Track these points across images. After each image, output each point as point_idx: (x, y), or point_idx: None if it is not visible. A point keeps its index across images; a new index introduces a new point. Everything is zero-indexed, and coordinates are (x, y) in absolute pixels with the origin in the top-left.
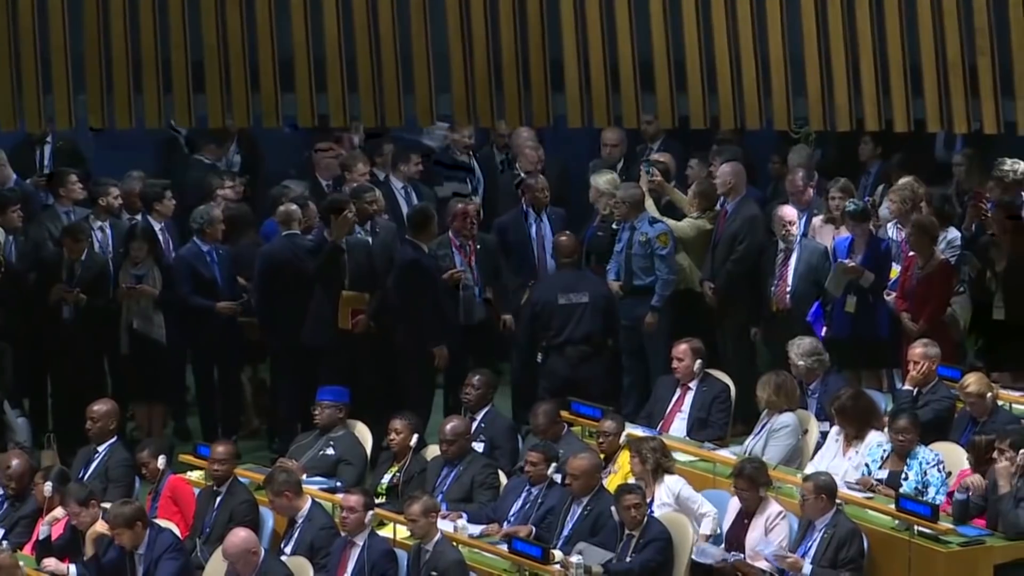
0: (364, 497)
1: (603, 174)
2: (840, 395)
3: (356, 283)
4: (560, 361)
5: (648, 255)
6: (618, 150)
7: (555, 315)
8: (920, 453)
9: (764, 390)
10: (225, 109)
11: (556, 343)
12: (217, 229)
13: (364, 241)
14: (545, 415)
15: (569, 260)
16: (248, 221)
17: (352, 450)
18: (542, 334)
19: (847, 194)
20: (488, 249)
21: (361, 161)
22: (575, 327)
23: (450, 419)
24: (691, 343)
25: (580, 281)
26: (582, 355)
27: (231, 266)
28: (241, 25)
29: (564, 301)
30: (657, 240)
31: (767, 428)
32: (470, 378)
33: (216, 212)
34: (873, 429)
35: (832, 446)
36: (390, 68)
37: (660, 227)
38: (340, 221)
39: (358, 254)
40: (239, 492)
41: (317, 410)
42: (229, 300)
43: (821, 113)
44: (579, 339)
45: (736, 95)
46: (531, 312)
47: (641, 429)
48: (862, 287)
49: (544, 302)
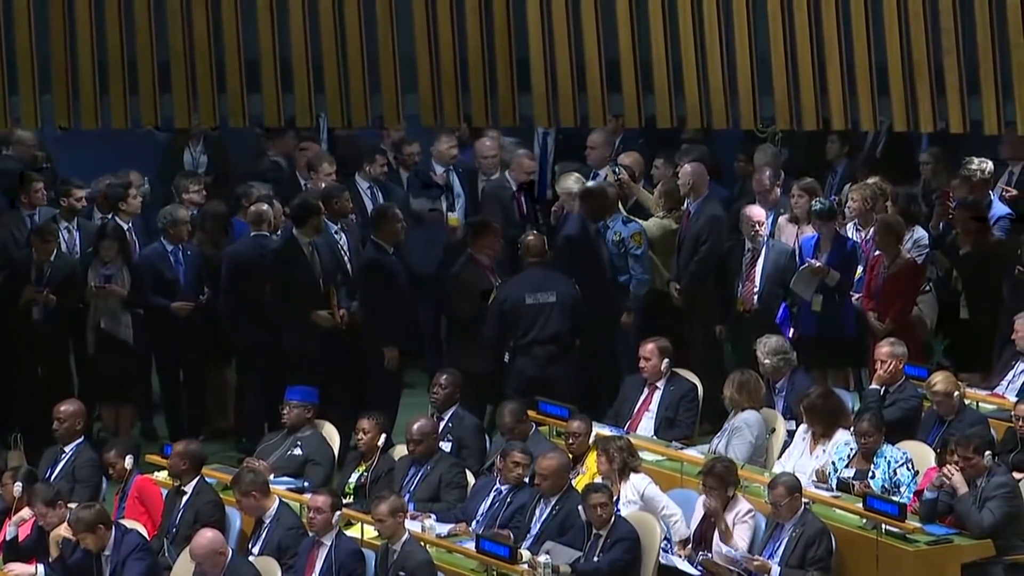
0: (331, 498)
1: (569, 175)
2: (809, 393)
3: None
4: (527, 361)
5: (621, 254)
6: (597, 153)
7: (522, 315)
8: (887, 452)
9: (728, 388)
10: (191, 109)
11: (523, 343)
12: (182, 229)
13: (334, 241)
14: (511, 414)
15: (537, 260)
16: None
17: (320, 450)
18: (509, 334)
19: (810, 193)
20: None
21: (327, 161)
22: (542, 327)
23: (417, 419)
24: (658, 342)
25: (547, 281)
26: (549, 355)
27: (198, 267)
28: (207, 26)
29: (531, 301)
30: (631, 239)
31: (731, 426)
32: (437, 378)
33: (181, 212)
34: (841, 428)
35: (799, 444)
36: (356, 69)
37: (634, 226)
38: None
39: (327, 254)
40: (205, 492)
41: (285, 410)
42: (189, 301)
43: (788, 113)
44: (546, 339)
45: (703, 95)
46: (498, 311)
47: (608, 428)
48: (828, 286)
49: (511, 302)
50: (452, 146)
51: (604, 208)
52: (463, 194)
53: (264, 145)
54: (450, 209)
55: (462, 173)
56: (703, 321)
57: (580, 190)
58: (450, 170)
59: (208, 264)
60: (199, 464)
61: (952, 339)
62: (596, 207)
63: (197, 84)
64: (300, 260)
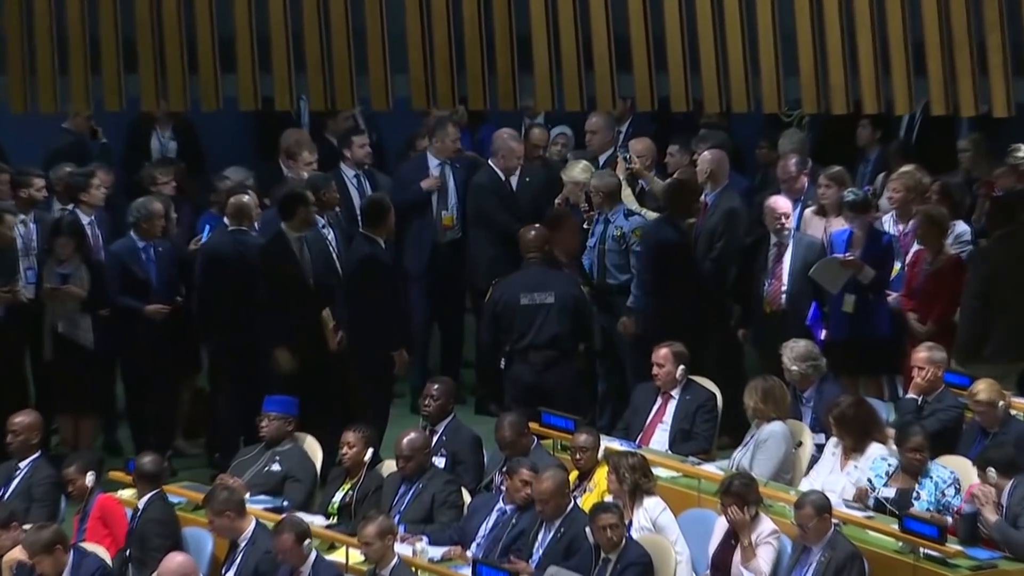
0: (294, 533)
1: (576, 163)
2: (839, 403)
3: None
4: (523, 368)
5: (623, 251)
6: (599, 138)
7: (516, 316)
8: (934, 471)
9: (751, 397)
10: (160, 91)
11: (519, 347)
12: (156, 224)
13: (323, 236)
14: (512, 427)
15: (535, 256)
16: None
17: (300, 466)
18: (504, 337)
19: (839, 183)
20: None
21: (307, 148)
22: (539, 330)
23: (407, 432)
24: (672, 347)
25: (545, 279)
26: (547, 360)
27: (171, 265)
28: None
29: (526, 301)
30: (633, 235)
31: (754, 439)
32: (429, 387)
33: (156, 205)
34: (874, 441)
35: (828, 459)
36: (341, 46)
37: (637, 220)
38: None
39: (316, 252)
40: (153, 509)
41: (263, 422)
42: (164, 302)
43: (815, 94)
44: (544, 343)
45: (721, 75)
46: (491, 313)
47: (619, 442)
48: (861, 284)
49: (504, 302)
50: (457, 139)
51: (693, 203)
52: (455, 190)
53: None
54: (443, 207)
55: (458, 168)
56: (722, 323)
57: (665, 185)
58: (446, 164)
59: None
60: (152, 479)
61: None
62: (683, 202)
63: (166, 63)
64: (290, 258)
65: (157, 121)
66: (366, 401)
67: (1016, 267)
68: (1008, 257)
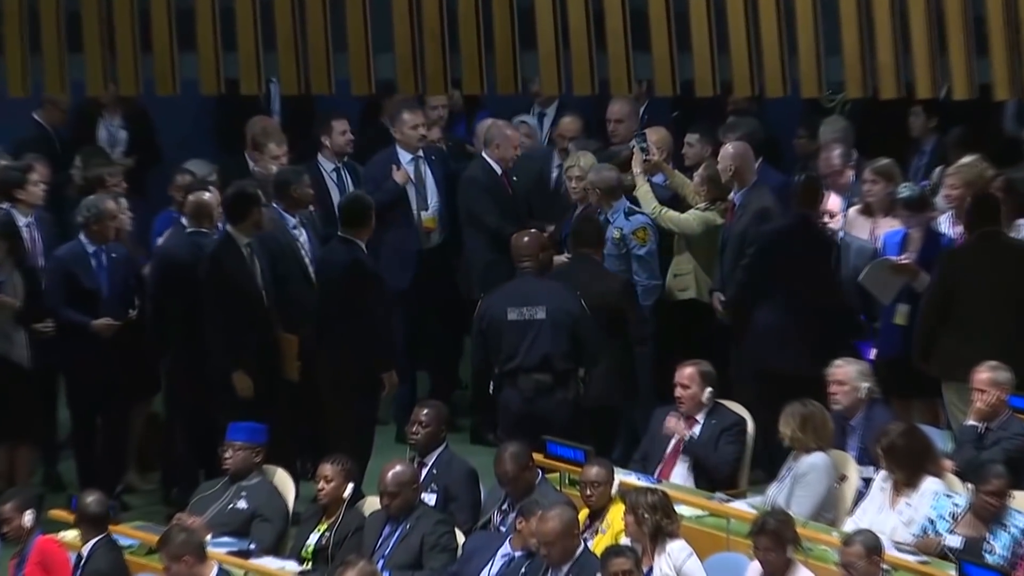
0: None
1: (584, 156)
2: (888, 431)
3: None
4: (512, 393)
5: (623, 255)
6: (625, 127)
7: (504, 334)
8: (1010, 519)
9: (788, 425)
10: (108, 73)
11: (507, 370)
12: (108, 226)
13: (290, 239)
14: (513, 459)
15: (529, 264)
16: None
17: (269, 503)
18: (493, 358)
19: (887, 178)
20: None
21: (275, 139)
22: (528, 350)
23: (392, 464)
24: (699, 366)
25: (536, 291)
26: (538, 386)
27: (126, 273)
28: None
29: (515, 317)
30: (633, 236)
31: (792, 473)
32: (417, 412)
33: (108, 204)
34: (929, 474)
35: (877, 496)
36: (316, 20)
37: (639, 220)
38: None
39: (288, 258)
40: (99, 559)
41: (227, 452)
42: (113, 317)
43: (860, 76)
44: (534, 365)
45: (753, 54)
46: (478, 330)
47: (635, 476)
48: (916, 293)
49: (490, 318)
50: (418, 125)
51: (818, 197)
52: (435, 185)
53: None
54: (422, 207)
55: (435, 160)
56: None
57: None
58: (419, 158)
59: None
60: (97, 522)
61: None
62: (810, 197)
63: (115, 40)
64: (239, 265)
65: (105, 107)
66: (346, 429)
67: (992, 272)
68: (984, 260)
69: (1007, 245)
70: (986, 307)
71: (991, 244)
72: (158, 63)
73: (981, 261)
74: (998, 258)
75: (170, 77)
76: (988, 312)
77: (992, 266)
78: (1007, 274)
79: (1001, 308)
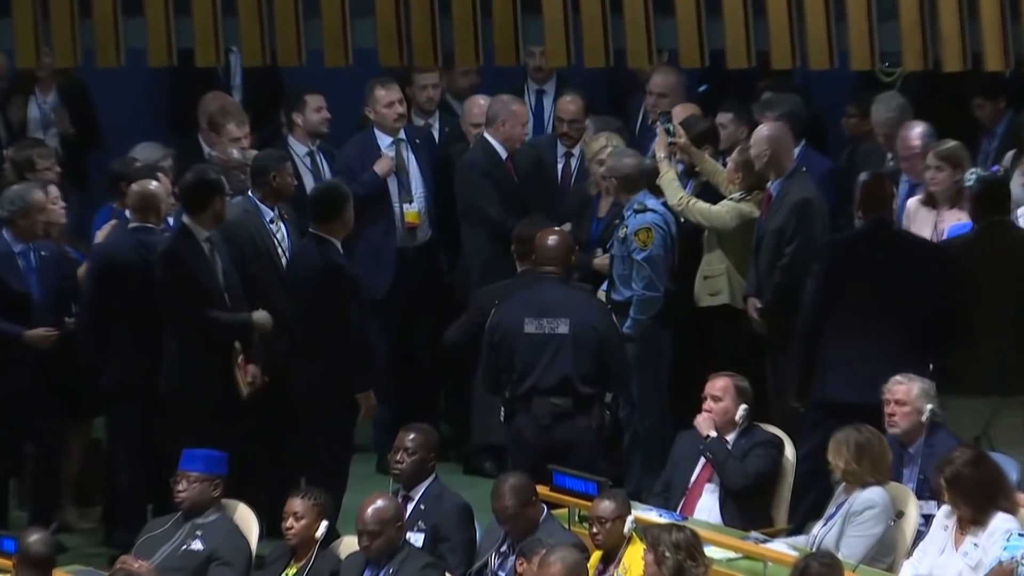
0: None
1: (598, 138)
2: (952, 459)
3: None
4: (525, 420)
5: (626, 257)
6: (669, 102)
7: (518, 349)
8: None
9: (839, 455)
10: (40, 41)
11: (520, 392)
12: (36, 220)
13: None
14: (514, 493)
15: (553, 269)
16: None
17: (229, 543)
18: (505, 378)
19: (952, 164)
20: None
21: (235, 119)
22: (545, 369)
23: (373, 498)
24: (734, 379)
25: (560, 301)
26: (555, 411)
27: (58, 274)
28: None
29: (532, 329)
30: (635, 237)
31: (844, 509)
32: (402, 438)
33: (36, 195)
34: (999, 510)
35: (939, 534)
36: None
37: (644, 220)
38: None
39: (261, 256)
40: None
41: (181, 485)
42: (48, 325)
43: (920, 46)
44: (551, 387)
45: (794, 20)
46: (488, 343)
47: (656, 512)
48: None
49: (504, 329)
50: (394, 102)
51: (887, 199)
52: (420, 174)
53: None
54: (405, 200)
55: (419, 144)
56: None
57: (862, 181)
58: (401, 142)
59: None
60: (43, 565)
61: None
62: (877, 200)
63: (49, 3)
64: (198, 262)
65: (37, 81)
66: (319, 457)
67: (997, 269)
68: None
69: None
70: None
71: (1000, 235)
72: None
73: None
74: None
75: (113, 46)
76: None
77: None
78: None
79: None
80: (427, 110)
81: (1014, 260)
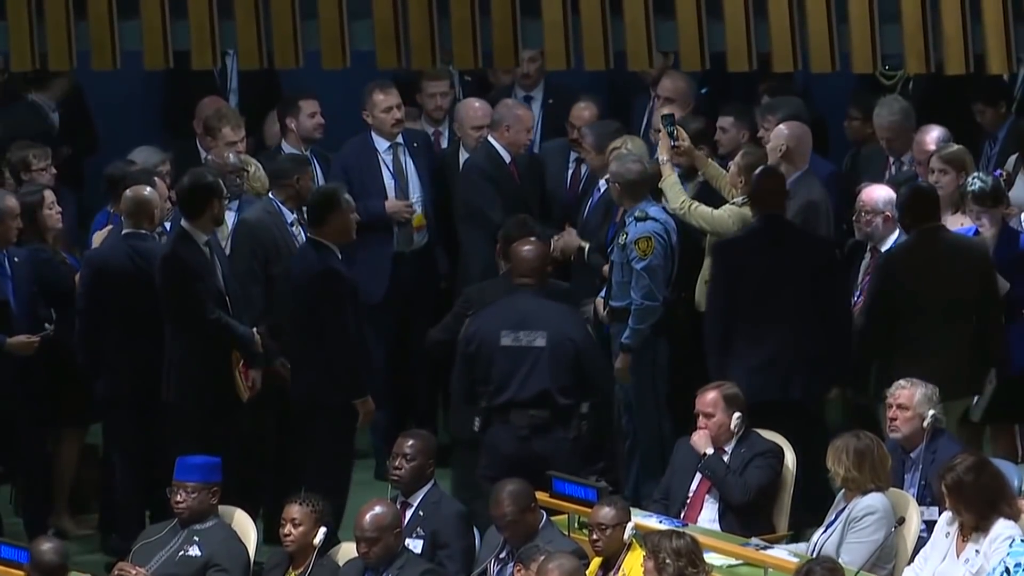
0: None
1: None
2: (954, 465)
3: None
4: (502, 432)
5: (625, 264)
6: (678, 107)
7: (495, 361)
8: None
9: (839, 462)
10: (36, 45)
11: (496, 404)
12: (9, 226)
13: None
14: (513, 499)
15: (528, 281)
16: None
17: (226, 550)
18: (481, 389)
19: (956, 167)
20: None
21: (231, 122)
22: (523, 382)
23: (371, 505)
24: (723, 389)
25: (537, 313)
26: (533, 424)
27: (31, 281)
28: None
29: (508, 342)
30: (635, 246)
31: (844, 516)
32: (401, 444)
33: (9, 201)
34: (1001, 516)
35: (941, 541)
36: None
37: (645, 228)
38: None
39: (283, 258)
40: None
41: (179, 495)
42: (26, 332)
43: (922, 48)
44: (528, 400)
45: (795, 23)
46: (463, 353)
47: (656, 518)
48: None
49: (480, 340)
50: (392, 107)
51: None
52: (418, 177)
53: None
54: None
55: (417, 147)
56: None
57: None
58: (399, 146)
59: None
60: (57, 573)
61: None
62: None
63: (44, 5)
64: (199, 265)
65: (33, 85)
66: (317, 463)
67: (932, 275)
68: (924, 262)
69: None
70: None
71: (932, 243)
72: (95, 32)
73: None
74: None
75: (109, 49)
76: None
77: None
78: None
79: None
80: (436, 118)
81: (948, 265)
